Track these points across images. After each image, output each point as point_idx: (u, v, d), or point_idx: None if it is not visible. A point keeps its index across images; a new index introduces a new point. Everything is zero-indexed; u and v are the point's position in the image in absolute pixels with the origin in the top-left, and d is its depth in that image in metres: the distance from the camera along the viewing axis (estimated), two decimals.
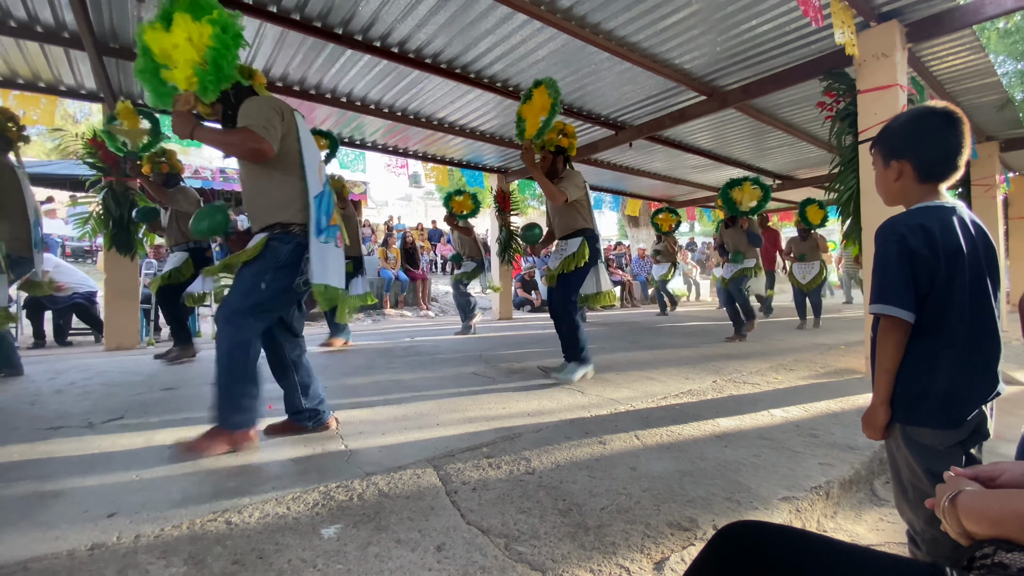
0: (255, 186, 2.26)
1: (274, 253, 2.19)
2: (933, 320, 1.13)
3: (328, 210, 2.34)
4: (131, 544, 1.43)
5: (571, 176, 3.59)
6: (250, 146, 2.08)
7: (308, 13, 3.96)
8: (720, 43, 4.40)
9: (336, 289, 2.34)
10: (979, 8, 3.58)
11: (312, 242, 2.21)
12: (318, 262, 2.23)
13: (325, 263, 2.28)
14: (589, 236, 3.61)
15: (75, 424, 2.63)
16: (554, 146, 3.63)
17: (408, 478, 1.88)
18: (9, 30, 4.08)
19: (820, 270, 7.02)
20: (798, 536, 0.68)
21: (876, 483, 2.10)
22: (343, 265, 2.48)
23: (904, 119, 1.21)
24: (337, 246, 2.40)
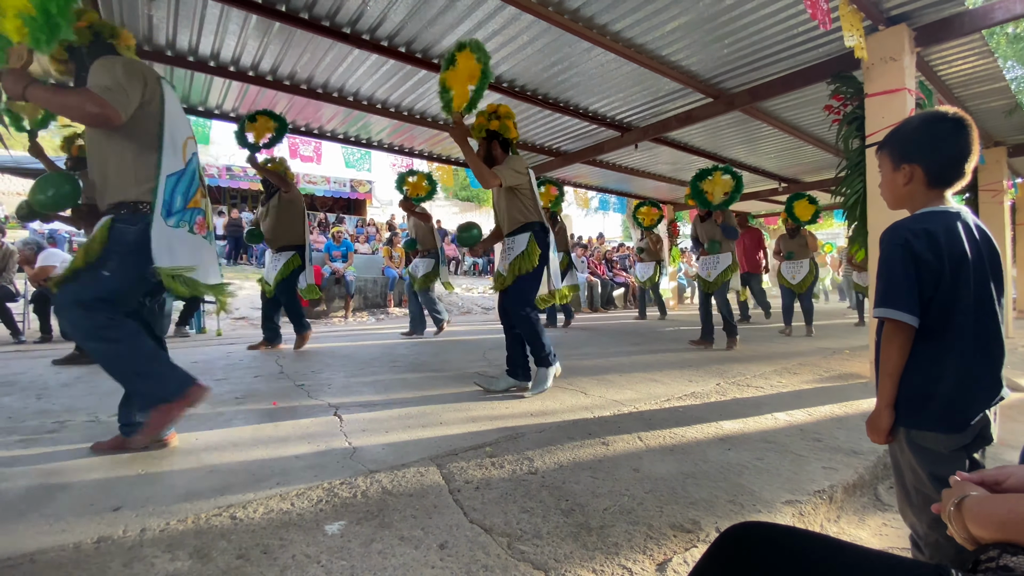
0: (102, 158, 2.03)
1: (119, 236, 1.99)
2: (937, 324, 1.13)
3: (186, 191, 2.11)
4: (137, 537, 1.44)
5: (510, 160, 3.23)
6: (89, 110, 1.85)
7: (316, 12, 3.98)
8: (727, 45, 4.39)
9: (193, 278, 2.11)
10: (988, 13, 3.57)
11: (155, 223, 1.99)
12: (163, 246, 2.00)
13: (173, 248, 2.05)
14: (537, 230, 3.27)
15: (81, 418, 2.65)
16: (485, 131, 3.30)
17: (411, 476, 1.89)
18: None
19: (810, 270, 6.62)
20: (802, 537, 0.68)
21: (880, 488, 2.09)
22: (208, 252, 2.26)
23: (916, 123, 1.21)
24: (194, 232, 2.17)
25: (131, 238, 1.98)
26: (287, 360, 4.47)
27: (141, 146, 2.03)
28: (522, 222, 3.30)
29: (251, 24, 4.14)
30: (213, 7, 3.90)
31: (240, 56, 4.69)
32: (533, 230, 3.26)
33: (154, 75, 2.07)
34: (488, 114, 3.31)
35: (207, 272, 2.21)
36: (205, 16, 4.05)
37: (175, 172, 2.07)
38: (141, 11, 3.97)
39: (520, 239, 3.27)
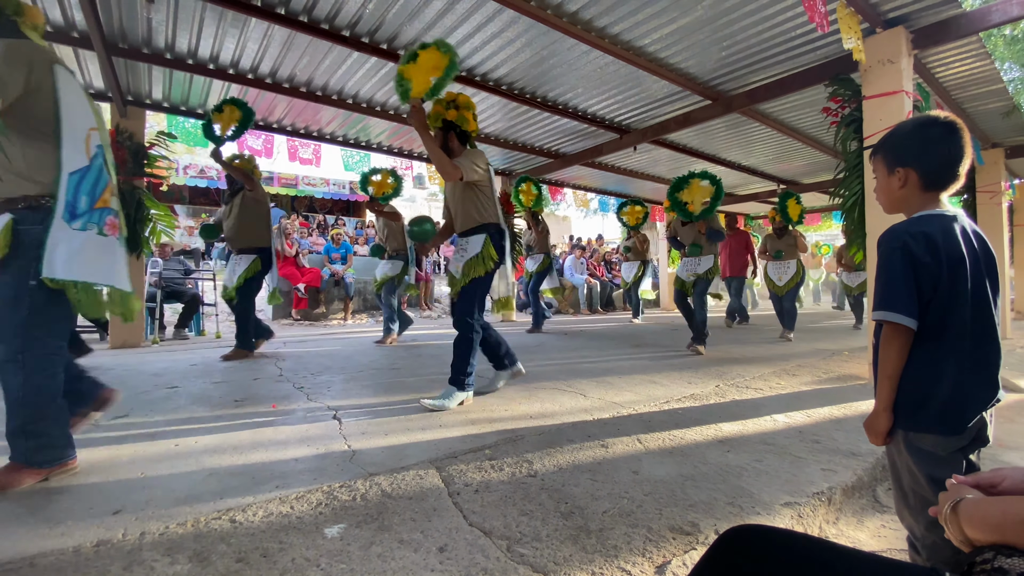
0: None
1: (30, 239, 1.77)
2: (935, 327, 1.13)
3: (92, 190, 1.88)
4: (136, 541, 1.44)
5: (471, 154, 3.04)
6: None
7: (316, 15, 3.99)
8: (725, 48, 4.41)
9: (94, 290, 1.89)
10: (985, 15, 3.58)
11: (54, 224, 1.76)
12: (61, 251, 1.78)
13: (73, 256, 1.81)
14: (494, 232, 3.08)
15: None
16: (441, 120, 3.09)
17: (411, 479, 1.89)
18: None
19: (797, 271, 6.41)
20: (800, 540, 0.69)
21: (878, 489, 2.10)
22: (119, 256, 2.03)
23: (909, 127, 1.22)
24: (105, 234, 1.94)
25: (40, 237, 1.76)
26: (286, 363, 4.47)
27: (30, 137, 1.80)
28: (478, 222, 3.08)
29: (250, 27, 4.16)
30: (212, 10, 3.92)
31: (239, 59, 4.70)
32: (489, 232, 3.06)
33: (46, 60, 1.83)
34: (446, 103, 3.09)
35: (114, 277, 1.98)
36: (204, 19, 4.06)
37: (78, 169, 1.84)
38: (140, 14, 3.98)
39: (475, 240, 3.05)
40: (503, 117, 6.25)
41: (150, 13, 3.93)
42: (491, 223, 3.09)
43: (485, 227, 3.08)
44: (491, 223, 3.09)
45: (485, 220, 3.08)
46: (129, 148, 5.27)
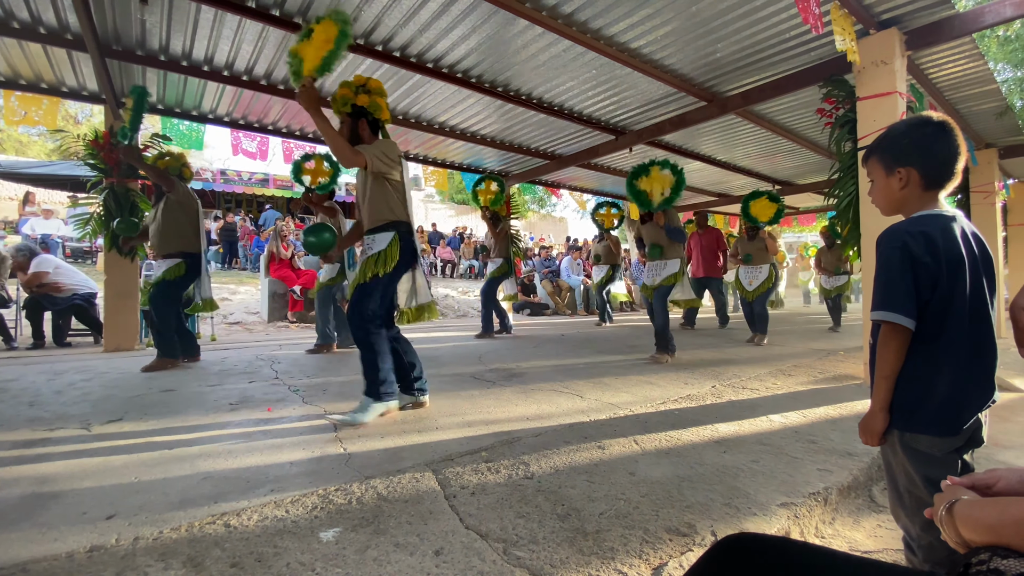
0: None
1: None
2: (933, 327, 1.13)
3: None
4: (130, 546, 1.43)
5: (382, 144, 2.77)
6: None
7: (311, 17, 3.98)
8: (720, 50, 4.42)
9: None
10: (978, 16, 3.60)
11: None
12: None
13: None
14: (404, 232, 2.80)
15: (74, 426, 2.63)
16: (350, 106, 2.80)
17: (407, 482, 1.88)
18: (12, 31, 4.10)
19: (768, 275, 6.08)
20: (797, 549, 0.68)
21: (874, 489, 2.10)
22: None
23: (904, 128, 1.22)
24: None
25: None
26: (282, 366, 4.46)
27: None
28: (388, 219, 2.80)
29: (245, 28, 4.14)
30: (207, 12, 3.90)
31: (234, 61, 4.69)
32: (399, 231, 2.79)
33: None
34: (355, 87, 2.82)
35: None
36: (199, 21, 4.05)
37: None
38: (134, 16, 3.96)
39: (381, 238, 2.78)
40: (499, 119, 6.25)
41: (144, 15, 3.91)
42: (402, 221, 2.82)
43: (395, 225, 2.79)
44: (402, 221, 2.82)
45: (395, 218, 2.80)
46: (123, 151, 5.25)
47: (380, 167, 2.71)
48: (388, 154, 2.74)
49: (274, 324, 8.45)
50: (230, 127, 6.13)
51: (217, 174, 14.97)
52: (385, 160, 2.72)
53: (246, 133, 6.16)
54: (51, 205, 12.51)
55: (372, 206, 2.82)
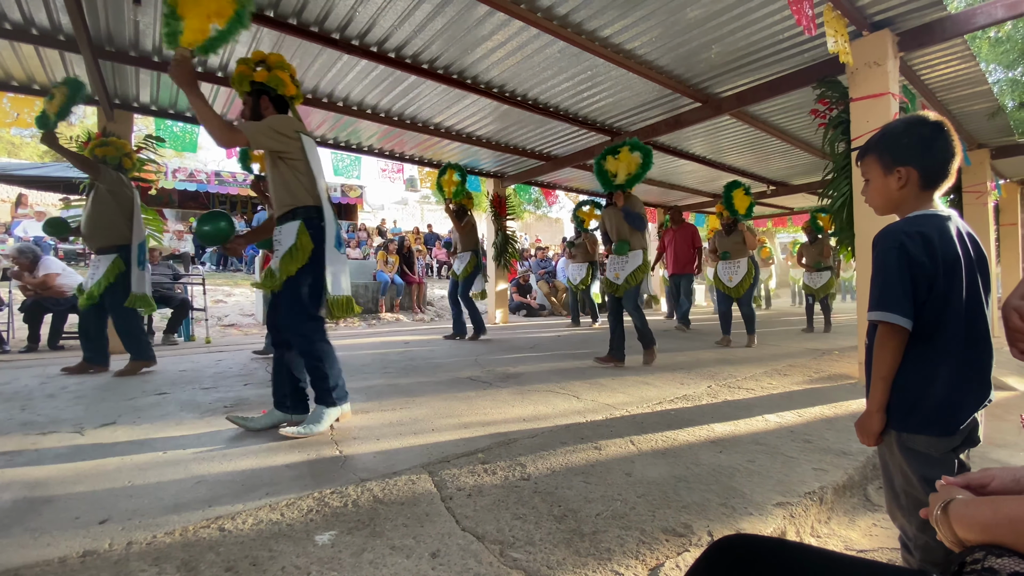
0: None
1: None
2: (930, 327, 1.13)
3: None
4: (123, 551, 1.42)
5: (275, 120, 2.45)
6: None
7: (305, 18, 3.97)
8: (714, 50, 4.43)
9: None
10: (970, 18, 3.63)
11: None
12: None
13: None
14: (312, 217, 2.50)
15: (67, 429, 2.60)
16: (249, 84, 2.55)
17: (403, 484, 1.88)
18: (4, 32, 4.07)
19: (748, 271, 5.76)
20: (793, 549, 0.68)
21: (869, 488, 2.11)
22: None
23: (901, 127, 1.22)
24: None
25: None
26: None
27: None
28: (290, 205, 2.49)
29: None
30: None
31: (228, 62, 4.68)
32: (304, 217, 2.48)
33: None
34: (253, 63, 2.57)
35: None
36: None
37: None
38: (127, 17, 3.95)
39: (288, 229, 2.48)
40: (495, 120, 6.25)
41: (137, 16, 3.89)
42: (309, 206, 2.51)
43: (298, 212, 2.49)
44: (309, 206, 2.51)
45: (299, 202, 2.49)
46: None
47: (267, 143, 2.39)
48: (279, 128, 2.42)
49: None
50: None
51: (212, 175, 14.91)
52: (273, 136, 2.40)
53: None
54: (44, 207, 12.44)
55: (274, 192, 2.53)
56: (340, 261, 2.58)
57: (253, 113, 2.56)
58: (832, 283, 7.40)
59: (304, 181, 2.50)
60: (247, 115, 2.58)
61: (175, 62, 2.21)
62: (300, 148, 2.49)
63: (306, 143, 2.51)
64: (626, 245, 4.43)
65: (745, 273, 5.75)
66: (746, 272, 5.75)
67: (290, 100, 2.67)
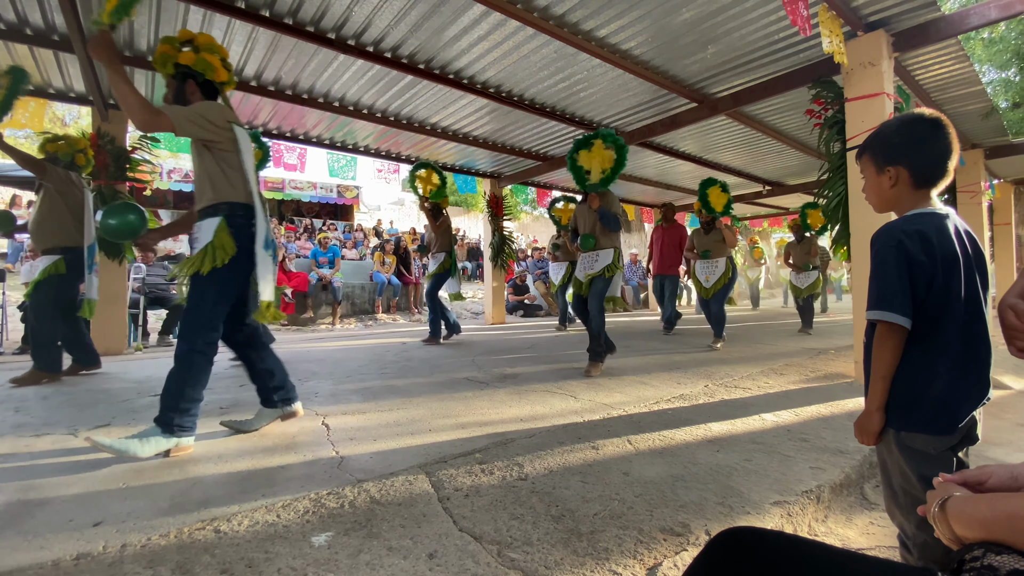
0: None
1: None
2: (928, 326, 1.13)
3: None
4: (117, 554, 1.41)
5: (203, 107, 2.27)
6: None
7: (301, 18, 3.96)
8: (710, 51, 4.44)
9: None
10: (964, 18, 3.65)
11: None
12: None
13: None
14: (238, 216, 2.30)
15: (61, 431, 2.59)
16: (173, 66, 2.33)
17: (400, 485, 1.87)
18: None
19: (726, 270, 5.62)
20: (792, 542, 0.68)
21: (866, 487, 2.11)
22: None
23: (896, 125, 1.22)
24: None
25: None
26: None
27: None
28: (212, 200, 2.30)
29: (234, 29, 4.11)
30: (195, 12, 3.87)
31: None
32: (227, 214, 2.28)
33: None
34: (179, 42, 2.35)
35: None
36: (187, 22, 4.01)
37: None
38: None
39: (207, 225, 2.28)
40: (491, 120, 6.24)
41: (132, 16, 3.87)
42: (234, 202, 2.31)
43: (221, 208, 2.28)
44: (234, 202, 2.31)
45: (223, 198, 2.29)
46: (111, 152, 5.20)
47: (195, 131, 2.21)
48: (209, 116, 2.24)
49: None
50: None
51: None
52: (203, 123, 2.22)
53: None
54: None
55: (197, 185, 2.34)
56: (268, 263, 2.37)
57: (177, 99, 2.36)
58: (818, 283, 7.23)
59: (233, 176, 2.31)
60: (170, 100, 2.38)
61: (95, 38, 2.10)
62: (232, 139, 2.31)
63: (239, 135, 2.33)
64: (591, 239, 4.17)
65: (722, 273, 5.61)
66: (723, 272, 5.62)
67: (220, 86, 2.47)
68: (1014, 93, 10.41)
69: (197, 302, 2.27)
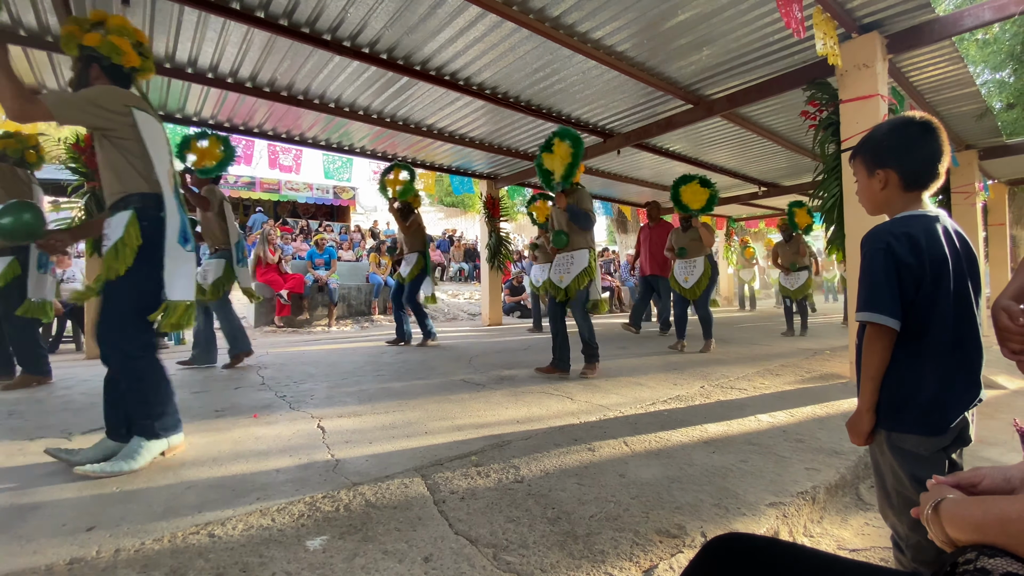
0: None
1: None
2: (918, 327, 1.14)
3: None
4: (111, 559, 1.40)
5: (99, 92, 2.06)
6: None
7: (296, 19, 3.95)
8: (705, 53, 4.45)
9: None
10: (958, 20, 3.67)
11: None
12: None
13: None
14: (148, 207, 2.12)
15: (54, 435, 2.57)
16: (77, 48, 2.16)
17: (396, 488, 1.86)
18: None
19: (705, 270, 5.39)
20: (786, 549, 0.68)
21: (861, 487, 2.12)
22: None
23: (886, 129, 1.23)
24: None
25: None
26: (269, 371, 4.41)
27: None
28: (120, 193, 2.13)
29: (229, 30, 4.10)
30: (190, 13, 3.86)
31: (218, 63, 4.64)
32: (137, 206, 2.11)
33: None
34: (88, 23, 2.17)
35: None
36: (182, 23, 4.00)
37: None
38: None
39: (115, 222, 2.09)
40: (488, 121, 6.24)
41: (125, 15, 3.85)
42: (146, 193, 2.13)
43: (130, 200, 2.11)
44: (146, 193, 2.13)
45: (129, 189, 2.12)
46: None
47: (78, 117, 2.00)
48: (99, 101, 2.02)
49: (260, 329, 8.36)
50: (215, 130, 6.05)
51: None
52: (88, 109, 2.00)
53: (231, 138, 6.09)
54: None
55: (103, 178, 2.17)
56: (184, 260, 2.20)
57: (80, 83, 2.17)
58: (809, 283, 7.05)
59: (137, 164, 2.12)
60: (73, 85, 2.21)
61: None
62: (130, 125, 2.09)
63: (140, 119, 2.10)
64: (563, 234, 3.99)
65: (702, 273, 5.40)
66: (702, 272, 5.40)
67: (131, 72, 2.25)
68: (1008, 94, 10.47)
69: (116, 305, 2.10)
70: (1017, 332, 0.98)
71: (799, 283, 6.97)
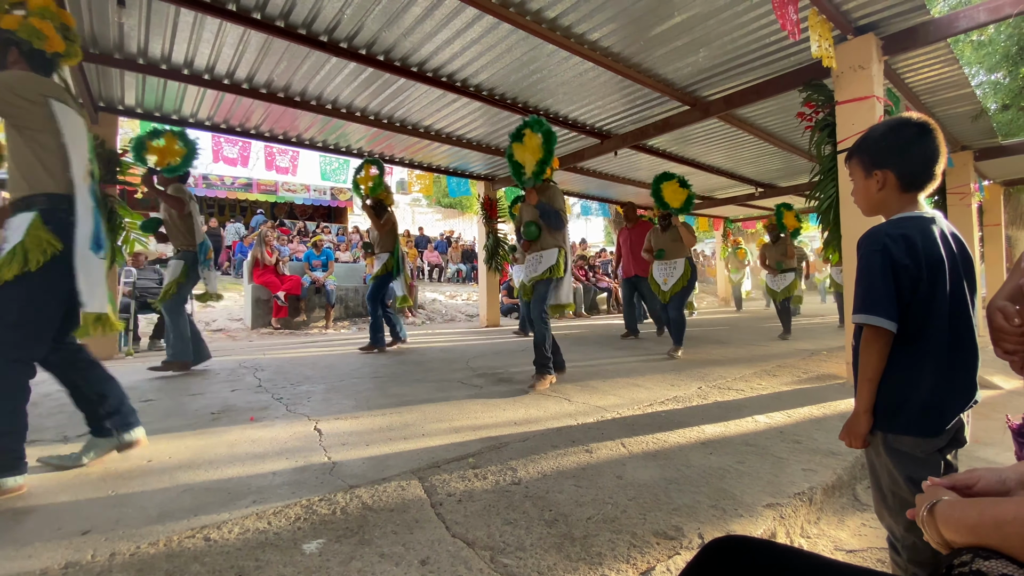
0: None
1: None
2: (915, 329, 1.14)
3: None
4: (106, 562, 1.39)
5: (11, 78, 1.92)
6: None
7: (293, 20, 3.94)
8: (702, 55, 4.46)
9: None
10: (953, 21, 3.68)
11: None
12: None
13: None
14: (57, 209, 1.97)
15: (49, 438, 2.56)
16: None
17: (392, 490, 1.86)
18: None
19: (685, 272, 5.24)
20: (783, 552, 0.68)
21: (858, 488, 2.12)
22: None
23: (883, 130, 1.23)
24: None
25: None
26: (265, 373, 4.39)
27: None
28: (25, 191, 1.96)
29: (225, 32, 4.10)
30: (186, 15, 3.85)
31: (215, 64, 4.63)
32: (43, 208, 1.95)
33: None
34: (5, 4, 2.00)
35: None
36: (178, 24, 3.99)
37: None
38: (111, 19, 3.89)
39: (17, 223, 1.93)
40: (485, 122, 6.25)
41: (122, 18, 3.84)
42: (52, 193, 1.97)
43: (36, 201, 1.95)
44: (52, 193, 1.97)
45: (36, 189, 1.95)
46: (101, 155, 5.15)
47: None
48: (13, 88, 1.88)
49: (258, 331, 8.34)
50: (211, 131, 6.05)
51: (199, 179, 14.77)
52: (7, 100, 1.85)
53: (227, 139, 6.09)
54: None
55: (8, 175, 1.99)
56: (96, 268, 2.06)
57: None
58: (795, 285, 6.96)
59: (49, 161, 1.95)
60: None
61: None
62: (45, 116, 1.92)
63: (59, 111, 1.94)
64: (533, 225, 3.74)
65: (680, 275, 5.25)
66: (681, 273, 5.25)
67: (55, 59, 2.10)
68: (1003, 95, 10.52)
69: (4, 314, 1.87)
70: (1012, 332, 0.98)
71: (785, 284, 6.92)
